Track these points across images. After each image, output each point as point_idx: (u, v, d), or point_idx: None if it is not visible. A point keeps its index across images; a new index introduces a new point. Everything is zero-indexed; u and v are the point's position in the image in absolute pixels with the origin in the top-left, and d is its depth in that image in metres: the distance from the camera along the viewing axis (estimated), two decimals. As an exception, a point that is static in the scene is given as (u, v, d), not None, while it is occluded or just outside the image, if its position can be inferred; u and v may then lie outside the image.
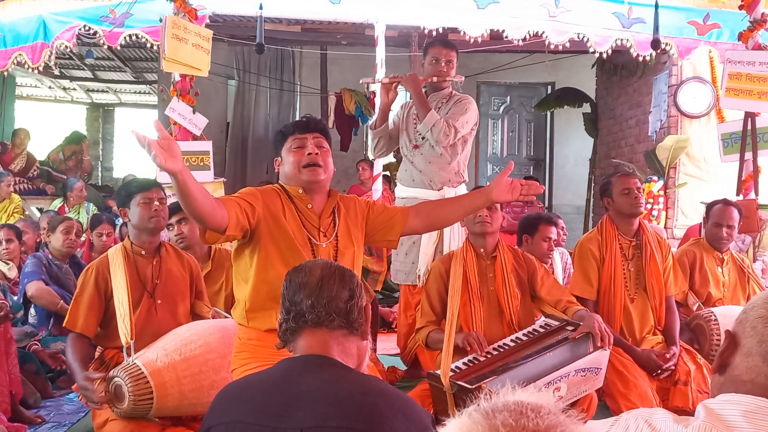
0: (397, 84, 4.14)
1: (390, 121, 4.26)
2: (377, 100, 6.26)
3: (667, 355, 3.64)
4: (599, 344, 3.12)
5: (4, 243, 4.69)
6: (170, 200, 3.50)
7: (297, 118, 10.31)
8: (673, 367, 3.62)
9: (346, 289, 1.72)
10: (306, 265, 1.79)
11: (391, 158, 9.92)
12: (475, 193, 2.89)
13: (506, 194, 2.70)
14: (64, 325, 3.18)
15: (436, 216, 2.79)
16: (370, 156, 4.79)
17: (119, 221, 6.23)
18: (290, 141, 2.62)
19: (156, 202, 3.22)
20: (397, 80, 4.13)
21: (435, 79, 4.12)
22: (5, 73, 6.34)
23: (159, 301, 3.21)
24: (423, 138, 4.09)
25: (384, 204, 2.89)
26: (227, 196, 2.58)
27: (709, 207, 4.37)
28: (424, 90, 4.12)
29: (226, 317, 3.33)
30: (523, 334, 3.34)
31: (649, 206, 6.62)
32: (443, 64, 4.12)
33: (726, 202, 4.35)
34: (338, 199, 2.70)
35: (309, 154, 2.57)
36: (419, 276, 4.02)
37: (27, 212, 7.60)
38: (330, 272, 1.74)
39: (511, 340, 3.32)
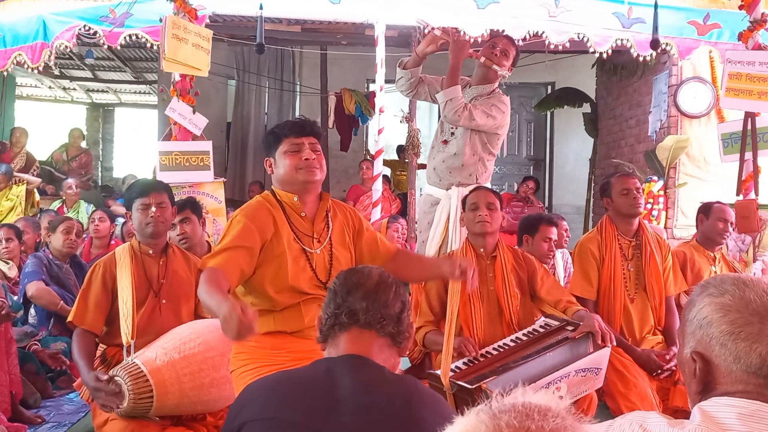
0: (443, 42, 3.99)
1: (436, 78, 4.15)
2: (377, 101, 6.28)
3: (667, 356, 3.64)
4: (600, 342, 3.12)
5: (3, 242, 4.69)
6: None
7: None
8: (673, 367, 3.62)
9: (399, 300, 1.74)
10: (363, 269, 1.82)
11: (393, 157, 9.96)
12: (439, 263, 2.95)
13: (456, 276, 2.70)
14: (68, 320, 3.18)
15: (404, 268, 2.76)
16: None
17: (119, 220, 6.26)
18: (285, 144, 2.58)
19: (153, 208, 3.21)
20: (447, 38, 3.97)
21: (482, 59, 3.98)
22: (5, 73, 6.32)
23: (164, 301, 3.23)
24: (452, 134, 4.06)
25: (376, 234, 2.83)
26: (228, 253, 2.43)
27: (707, 206, 4.46)
28: (468, 76, 4.06)
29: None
30: (523, 334, 3.33)
31: (649, 206, 6.62)
32: (498, 50, 4.00)
33: (721, 203, 4.46)
34: (331, 203, 2.69)
35: (306, 159, 2.55)
36: None
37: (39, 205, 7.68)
38: (387, 281, 1.76)
39: (511, 340, 3.31)
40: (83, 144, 10.05)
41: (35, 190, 7.89)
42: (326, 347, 1.73)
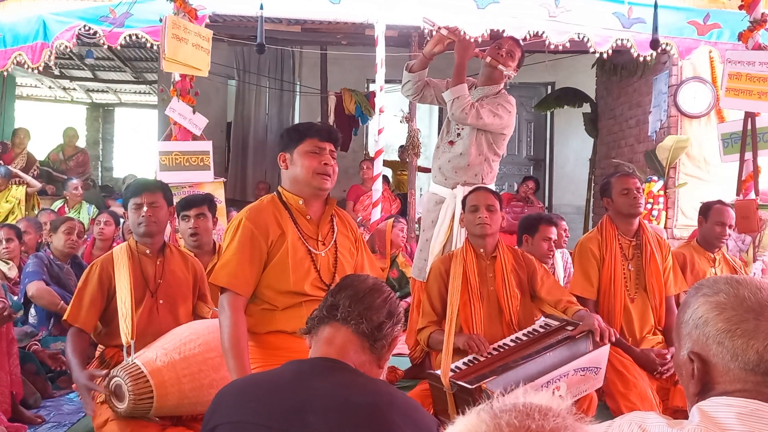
0: (450, 42, 3.98)
1: (441, 81, 4.15)
2: (377, 101, 6.29)
3: (668, 356, 3.64)
4: (599, 340, 3.12)
5: (4, 242, 4.69)
6: (174, 198, 3.52)
7: (297, 118, 10.37)
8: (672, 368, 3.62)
9: (386, 309, 1.72)
10: (363, 275, 1.84)
11: (393, 157, 9.96)
12: None
13: None
14: (64, 318, 3.18)
15: None
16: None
17: (123, 220, 6.27)
18: (308, 144, 2.59)
19: (145, 208, 3.19)
20: (453, 38, 3.97)
21: (488, 59, 3.99)
22: (5, 73, 6.33)
23: (161, 301, 3.22)
24: (459, 135, 4.05)
25: (365, 262, 2.83)
26: (237, 265, 2.52)
27: (706, 207, 4.40)
28: (474, 76, 4.06)
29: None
30: (523, 334, 3.33)
31: (649, 206, 6.62)
32: (504, 51, 4.01)
33: (722, 203, 4.40)
34: (335, 208, 2.73)
35: (325, 164, 2.59)
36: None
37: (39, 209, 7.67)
38: (380, 288, 1.76)
39: (511, 340, 3.31)
40: (79, 143, 10.05)
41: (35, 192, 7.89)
42: (310, 340, 1.74)
